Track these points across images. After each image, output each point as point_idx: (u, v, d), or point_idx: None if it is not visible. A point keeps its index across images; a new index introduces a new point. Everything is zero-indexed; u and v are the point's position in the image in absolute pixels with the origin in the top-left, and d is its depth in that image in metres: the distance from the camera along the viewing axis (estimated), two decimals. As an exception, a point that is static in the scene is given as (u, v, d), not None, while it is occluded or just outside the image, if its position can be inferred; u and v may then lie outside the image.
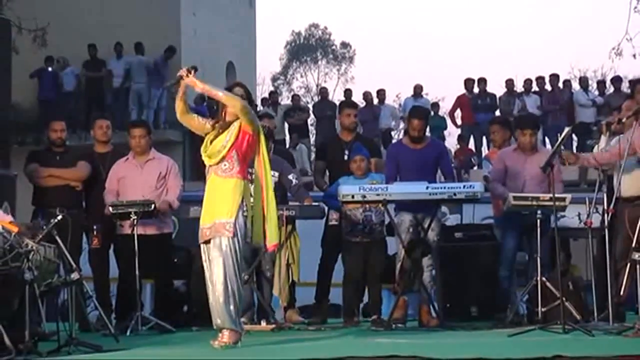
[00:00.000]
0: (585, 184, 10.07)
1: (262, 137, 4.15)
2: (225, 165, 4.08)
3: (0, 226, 3.99)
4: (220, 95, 4.10)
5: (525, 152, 5.48)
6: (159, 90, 12.07)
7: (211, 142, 4.13)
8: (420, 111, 5.94)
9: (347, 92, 13.02)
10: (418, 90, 12.06)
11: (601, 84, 12.35)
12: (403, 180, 5.47)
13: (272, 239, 4.14)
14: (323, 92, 14.12)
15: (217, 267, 3.99)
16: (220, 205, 4.04)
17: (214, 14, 13.74)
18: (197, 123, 4.22)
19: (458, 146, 11.95)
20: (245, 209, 4.07)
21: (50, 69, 12.31)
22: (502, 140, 6.00)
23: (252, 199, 4.14)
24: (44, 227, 4.34)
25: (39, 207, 5.58)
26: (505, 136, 5.98)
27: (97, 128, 5.86)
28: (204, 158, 4.15)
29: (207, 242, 4.07)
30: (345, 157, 5.72)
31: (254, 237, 4.18)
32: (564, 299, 4.57)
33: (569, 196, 5.12)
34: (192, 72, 4.15)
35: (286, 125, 12.24)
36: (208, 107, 11.18)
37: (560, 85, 11.65)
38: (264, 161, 4.14)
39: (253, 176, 4.23)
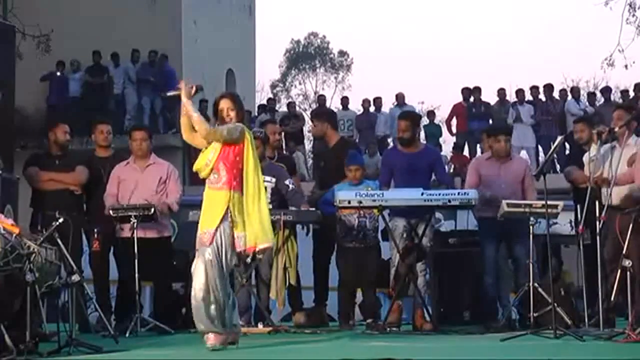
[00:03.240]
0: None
1: (251, 143, 4.17)
2: (214, 176, 4.14)
3: (2, 228, 4.05)
4: (194, 117, 4.16)
5: (499, 160, 5.55)
6: (149, 97, 12.19)
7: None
8: (406, 113, 6.03)
9: (344, 100, 13.11)
10: (400, 99, 12.10)
11: (591, 95, 12.47)
12: (397, 185, 5.53)
13: (251, 240, 4.13)
14: (321, 99, 14.21)
15: (197, 276, 4.05)
16: (208, 216, 4.11)
17: (215, 22, 13.83)
18: (200, 140, 4.26)
19: (452, 153, 12.06)
20: (229, 219, 4.08)
21: (59, 73, 12.40)
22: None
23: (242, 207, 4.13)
24: (45, 230, 4.41)
25: (38, 210, 5.64)
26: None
27: (98, 132, 5.91)
28: (196, 171, 4.22)
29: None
30: None
31: (248, 242, 4.18)
32: (555, 304, 4.64)
33: (561, 203, 5.20)
34: (194, 89, 4.22)
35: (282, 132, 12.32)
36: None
37: (557, 95, 11.75)
38: (252, 165, 4.14)
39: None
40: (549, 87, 11.66)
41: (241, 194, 4.14)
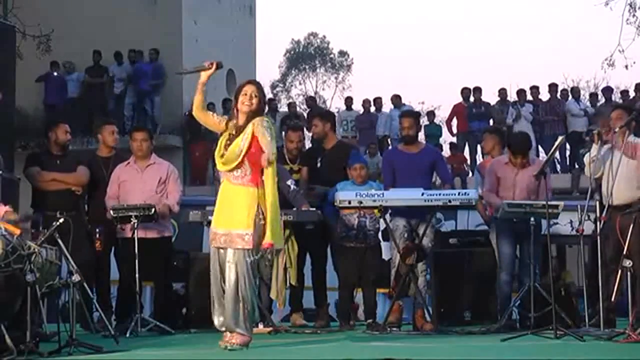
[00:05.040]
0: (577, 191, 10.17)
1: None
2: (237, 172, 4.06)
3: (3, 228, 4.05)
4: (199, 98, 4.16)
5: (517, 165, 5.56)
6: (147, 97, 12.21)
7: (225, 146, 4.08)
8: (408, 111, 6.00)
9: (348, 100, 13.10)
10: (397, 100, 12.06)
11: (593, 96, 12.48)
12: (399, 184, 5.52)
13: (268, 238, 4.08)
14: (309, 101, 14.09)
15: (231, 274, 4.01)
16: (236, 214, 4.03)
17: (215, 22, 13.83)
18: (212, 120, 4.19)
19: (450, 153, 12.06)
20: (261, 216, 4.05)
21: (55, 73, 12.40)
22: (490, 148, 6.10)
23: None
24: (46, 230, 4.41)
25: (39, 210, 5.61)
26: (494, 144, 6.08)
27: (106, 133, 5.89)
28: (218, 163, 4.10)
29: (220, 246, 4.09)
30: None
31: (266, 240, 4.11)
32: (555, 304, 4.64)
33: (561, 204, 5.20)
34: (215, 67, 4.12)
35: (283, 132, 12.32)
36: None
37: (558, 95, 11.75)
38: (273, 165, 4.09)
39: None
40: (553, 87, 11.64)
41: (263, 190, 4.08)
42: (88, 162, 5.87)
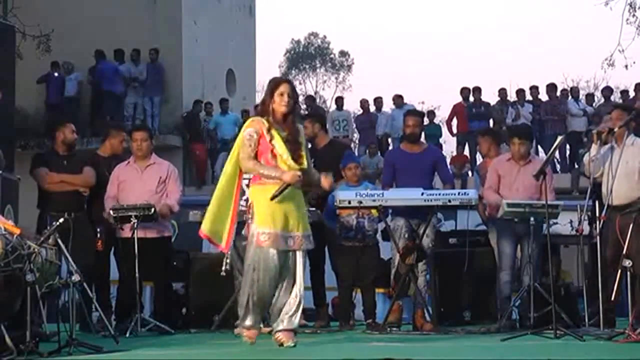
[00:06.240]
0: (577, 191, 10.17)
1: None
2: None
3: (3, 228, 4.05)
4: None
5: (518, 162, 5.55)
6: (146, 97, 12.22)
7: (293, 150, 4.10)
8: (415, 110, 6.03)
9: (339, 100, 13.04)
10: (398, 100, 12.04)
11: (590, 96, 12.50)
12: (400, 184, 5.54)
13: None
14: (308, 100, 14.14)
15: (299, 276, 4.11)
16: (304, 216, 4.16)
17: (215, 22, 13.84)
18: (253, 148, 4.11)
19: (456, 152, 12.06)
20: None
21: (56, 74, 12.41)
22: (487, 150, 6.11)
23: None
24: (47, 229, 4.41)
25: (46, 211, 5.58)
26: (489, 145, 6.09)
27: (116, 140, 5.87)
28: (294, 166, 4.09)
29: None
30: None
31: None
32: (555, 304, 4.64)
33: (561, 203, 5.21)
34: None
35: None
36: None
37: (558, 94, 11.76)
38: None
39: None
40: (552, 87, 11.65)
41: None
42: (90, 162, 5.87)
